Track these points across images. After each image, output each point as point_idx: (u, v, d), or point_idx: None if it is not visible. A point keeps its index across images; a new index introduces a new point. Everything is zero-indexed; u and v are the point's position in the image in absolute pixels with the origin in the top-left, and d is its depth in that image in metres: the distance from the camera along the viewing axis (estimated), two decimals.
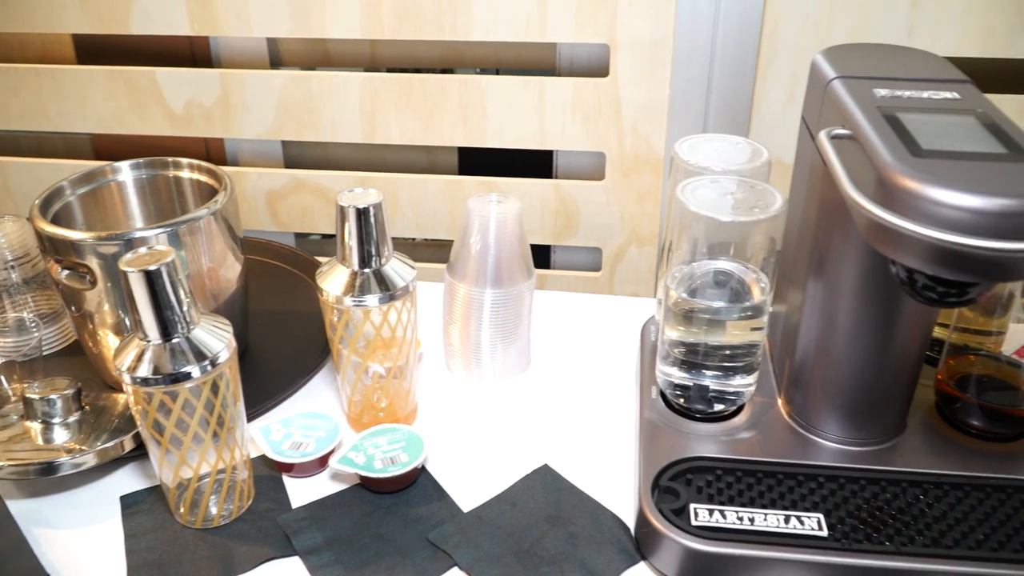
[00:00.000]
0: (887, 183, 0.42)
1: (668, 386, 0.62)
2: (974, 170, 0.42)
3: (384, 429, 0.63)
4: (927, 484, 0.56)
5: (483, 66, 1.01)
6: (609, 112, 0.85)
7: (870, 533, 0.52)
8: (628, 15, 0.79)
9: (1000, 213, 0.39)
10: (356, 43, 0.95)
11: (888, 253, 0.43)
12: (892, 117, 0.47)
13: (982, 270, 0.42)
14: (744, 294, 0.58)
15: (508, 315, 0.69)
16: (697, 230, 0.56)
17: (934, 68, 0.55)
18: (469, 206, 0.66)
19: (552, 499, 0.60)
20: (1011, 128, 0.46)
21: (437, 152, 1.04)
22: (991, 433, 0.60)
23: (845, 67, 0.55)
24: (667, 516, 0.53)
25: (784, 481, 0.56)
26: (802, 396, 0.60)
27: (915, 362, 0.57)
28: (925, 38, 0.78)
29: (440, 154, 1.04)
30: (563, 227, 0.92)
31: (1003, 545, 0.52)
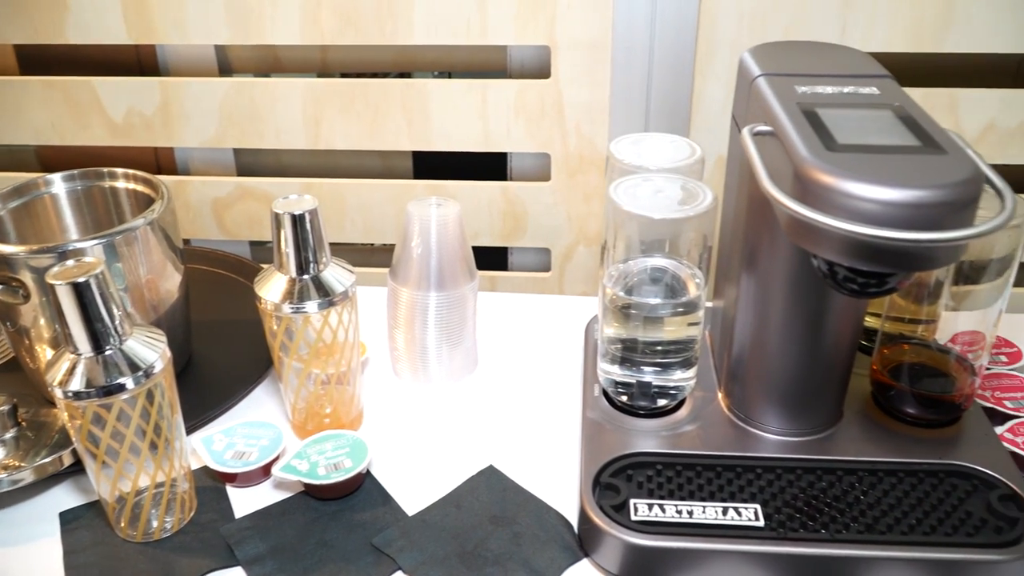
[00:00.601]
0: (803, 178, 0.43)
1: (610, 384, 0.63)
2: (887, 163, 0.43)
3: (328, 436, 0.63)
4: (862, 472, 0.57)
5: (436, 69, 1.01)
6: (552, 113, 0.85)
7: (805, 521, 0.53)
8: (567, 16, 0.80)
9: (911, 204, 0.40)
10: (306, 48, 0.95)
11: (807, 247, 0.44)
12: (811, 113, 0.48)
13: (898, 260, 0.43)
14: (679, 290, 0.58)
15: (452, 318, 0.69)
16: (630, 228, 0.57)
17: (857, 64, 0.56)
18: (409, 210, 0.66)
19: (497, 499, 0.60)
20: (925, 121, 0.47)
21: (391, 157, 1.04)
22: (925, 420, 0.61)
23: (770, 65, 0.56)
24: (607, 512, 0.54)
25: (723, 474, 0.57)
26: (740, 389, 0.61)
27: (848, 353, 0.58)
28: (858, 34, 0.79)
29: (394, 159, 1.04)
30: (512, 228, 0.92)
31: (935, 529, 0.53)
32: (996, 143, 0.84)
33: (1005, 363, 0.71)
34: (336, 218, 0.93)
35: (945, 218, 0.41)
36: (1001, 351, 0.73)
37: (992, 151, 0.85)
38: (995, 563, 0.51)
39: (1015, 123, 0.83)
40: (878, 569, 0.52)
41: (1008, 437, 0.62)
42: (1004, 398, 0.66)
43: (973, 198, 0.41)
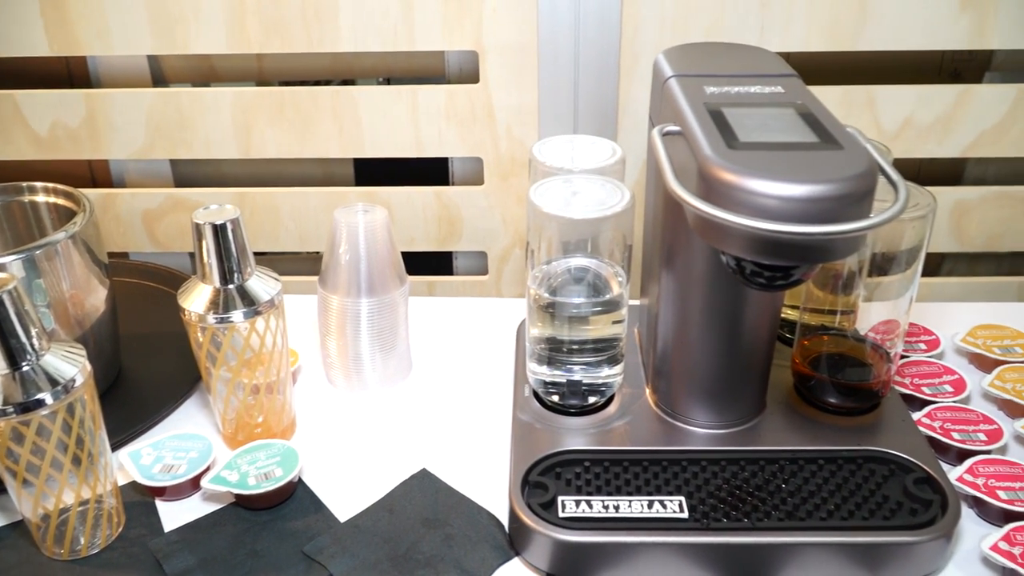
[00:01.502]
0: (705, 176, 0.44)
1: (539, 384, 0.64)
2: (786, 159, 0.44)
3: (259, 445, 0.62)
4: (783, 461, 0.58)
5: (375, 75, 1.01)
6: (483, 117, 0.86)
7: (728, 511, 0.55)
8: (492, 21, 0.81)
9: (808, 199, 0.42)
10: (242, 58, 0.94)
11: (713, 244, 0.45)
12: (717, 112, 0.49)
13: (799, 253, 0.44)
14: (602, 289, 0.59)
15: (384, 323, 0.69)
16: (551, 230, 0.57)
17: (765, 64, 0.58)
18: (336, 217, 0.66)
19: (429, 502, 0.60)
20: (825, 118, 0.49)
21: (332, 164, 1.04)
22: (845, 408, 0.63)
23: (682, 66, 0.57)
24: (535, 510, 0.54)
25: (650, 468, 0.58)
26: (665, 384, 0.62)
27: (766, 345, 0.59)
28: (776, 34, 0.81)
29: (335, 166, 1.04)
30: (447, 233, 0.92)
31: (853, 513, 0.54)
32: (914, 138, 0.87)
33: (924, 350, 0.74)
34: (271, 227, 0.92)
35: (842, 211, 0.42)
36: (920, 339, 0.75)
37: (910, 146, 0.87)
38: (910, 544, 0.53)
39: (931, 118, 0.86)
40: (799, 555, 0.53)
41: (925, 422, 0.64)
42: (922, 384, 0.68)
43: (868, 191, 0.43)
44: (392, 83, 0.97)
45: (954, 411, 0.65)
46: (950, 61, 1.05)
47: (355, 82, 0.99)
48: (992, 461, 0.60)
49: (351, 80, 0.99)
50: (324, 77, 0.96)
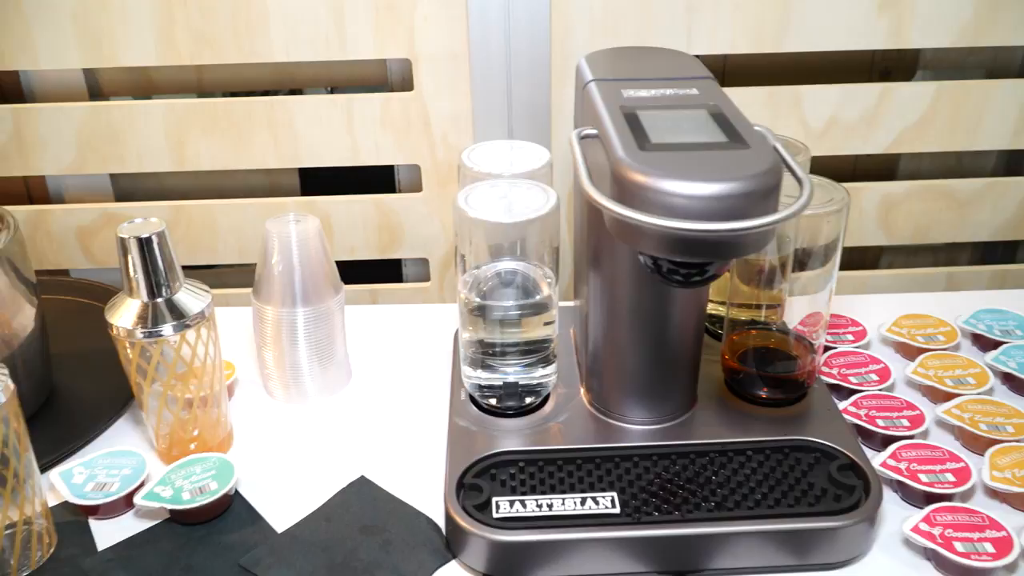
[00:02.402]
0: (617, 177, 0.45)
1: (475, 388, 0.64)
2: (694, 159, 0.45)
3: (194, 459, 0.62)
4: (713, 453, 0.60)
5: (318, 84, 1.01)
6: (419, 125, 0.86)
7: (660, 505, 0.56)
8: (424, 29, 0.81)
9: (715, 196, 0.43)
10: (182, 69, 0.93)
11: (629, 244, 0.46)
12: (632, 115, 0.50)
13: (711, 250, 0.45)
14: (532, 291, 0.60)
15: (321, 333, 0.69)
16: (478, 234, 0.58)
17: (683, 67, 0.59)
18: (268, 228, 0.66)
19: (368, 509, 0.60)
20: (736, 118, 0.50)
21: (278, 174, 1.03)
22: (773, 399, 0.64)
23: (601, 70, 0.58)
24: (470, 512, 0.55)
25: (583, 465, 0.59)
26: (598, 383, 0.63)
27: (693, 341, 0.61)
28: (703, 37, 0.83)
29: (281, 176, 1.03)
30: (388, 241, 0.93)
31: (779, 502, 0.56)
32: (840, 136, 0.89)
33: (852, 341, 0.76)
34: (208, 240, 0.92)
35: (748, 207, 0.44)
36: (848, 331, 0.77)
37: (837, 143, 0.90)
38: (834, 529, 0.54)
39: (856, 116, 0.89)
40: (728, 544, 0.54)
41: (852, 411, 0.66)
42: (849, 374, 0.70)
43: (772, 188, 0.44)
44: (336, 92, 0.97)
45: (879, 399, 0.67)
46: (880, 60, 1.08)
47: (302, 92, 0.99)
48: (914, 446, 0.62)
49: (298, 90, 0.99)
50: (268, 87, 0.96)
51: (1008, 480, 0.59)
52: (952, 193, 0.95)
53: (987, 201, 0.95)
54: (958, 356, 0.73)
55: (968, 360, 0.72)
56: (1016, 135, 0.91)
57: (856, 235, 0.96)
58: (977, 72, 1.07)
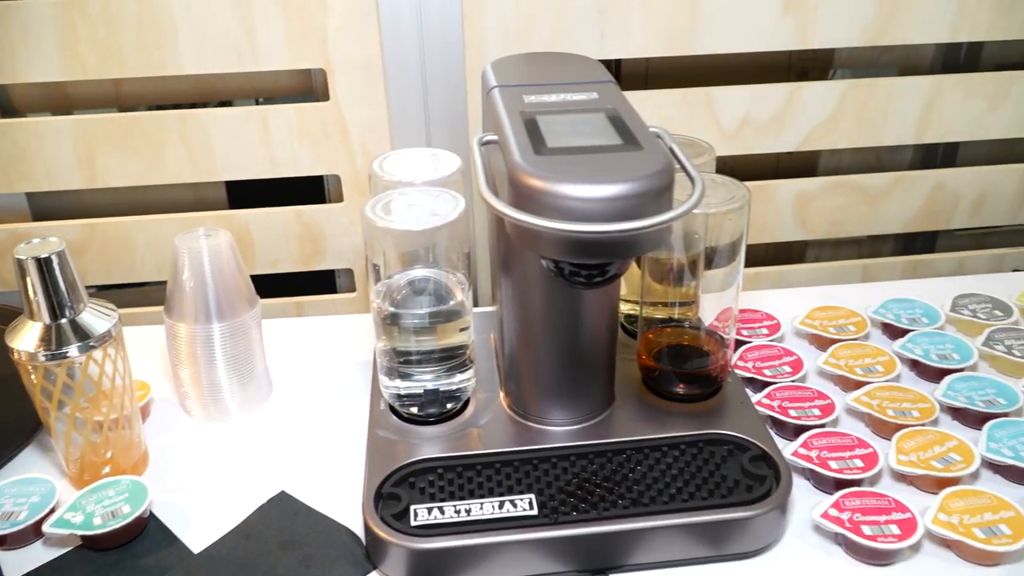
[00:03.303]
0: (513, 182, 0.45)
1: (393, 398, 0.64)
2: (588, 162, 0.46)
3: (107, 483, 0.61)
4: (630, 451, 0.60)
5: (242, 96, 1.00)
6: (336, 135, 0.86)
7: (577, 504, 0.56)
8: (337, 38, 0.81)
9: (607, 198, 0.44)
10: (100, 83, 0.91)
11: (529, 248, 0.47)
12: (531, 120, 0.51)
13: (609, 250, 0.46)
14: (445, 298, 0.60)
15: (238, 348, 0.69)
16: (387, 243, 0.58)
17: (585, 72, 0.60)
18: (177, 244, 0.65)
19: (288, 525, 0.60)
20: (632, 121, 0.51)
21: (204, 188, 1.02)
22: (688, 395, 0.65)
23: (506, 76, 0.59)
24: (388, 522, 0.55)
25: (502, 469, 0.59)
26: (516, 386, 0.63)
27: (608, 342, 0.62)
28: (615, 41, 0.84)
29: (207, 190, 1.02)
30: (311, 252, 0.92)
31: (693, 495, 0.57)
32: (752, 135, 0.92)
33: (766, 335, 0.78)
34: (125, 257, 0.90)
35: (641, 207, 0.44)
36: (763, 324, 0.79)
37: (750, 143, 0.92)
38: (746, 519, 0.56)
39: (767, 115, 0.91)
40: (644, 539, 0.55)
41: (765, 402, 0.67)
42: (764, 367, 0.72)
43: (664, 187, 0.45)
44: (260, 103, 0.96)
45: (792, 390, 0.69)
46: (797, 61, 1.11)
47: (232, 103, 0.98)
48: (825, 434, 0.64)
49: (228, 101, 0.98)
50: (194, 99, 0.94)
51: (913, 463, 0.61)
52: (864, 188, 0.98)
53: (896, 195, 0.98)
54: (867, 345, 0.75)
55: (877, 349, 0.74)
56: (921, 130, 0.95)
57: (774, 231, 0.99)
58: (891, 70, 1.11)
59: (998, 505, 0.58)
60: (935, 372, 0.72)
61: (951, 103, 0.93)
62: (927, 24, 0.87)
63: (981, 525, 0.56)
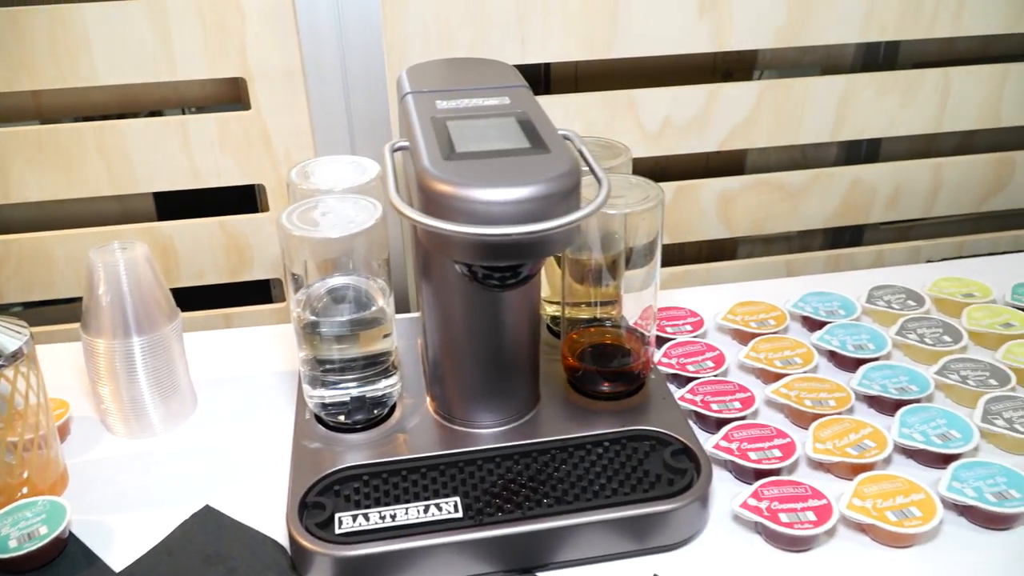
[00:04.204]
0: (422, 187, 0.46)
1: (318, 407, 0.64)
2: (495, 166, 0.46)
3: (23, 505, 0.59)
4: (555, 450, 0.61)
5: (171, 106, 0.98)
6: (259, 143, 0.85)
7: (502, 505, 0.57)
8: (256, 46, 0.80)
9: (512, 201, 0.44)
10: (17, 95, 0.89)
11: (440, 253, 0.47)
12: (441, 125, 0.51)
13: (518, 252, 0.47)
14: (367, 304, 0.60)
15: (159, 362, 0.67)
16: (304, 252, 0.58)
17: (499, 76, 0.61)
18: (92, 258, 0.64)
19: (212, 539, 0.59)
20: (542, 125, 0.52)
21: (130, 200, 1.00)
22: (612, 393, 0.66)
23: (419, 82, 0.59)
24: (312, 531, 0.55)
25: (428, 473, 0.59)
26: (441, 390, 0.64)
27: (529, 343, 0.62)
28: (536, 46, 0.85)
29: (133, 201, 1.00)
30: (237, 263, 0.91)
31: (616, 491, 0.58)
32: (674, 136, 0.94)
33: (690, 331, 0.79)
34: (45, 274, 0.88)
35: (548, 208, 0.45)
36: (687, 321, 0.81)
37: (672, 143, 0.94)
38: (668, 512, 0.57)
39: (688, 117, 0.93)
40: (569, 536, 0.56)
41: (688, 397, 0.69)
42: (687, 363, 0.73)
43: (570, 189, 0.46)
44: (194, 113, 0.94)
45: (714, 384, 0.70)
46: (722, 62, 1.14)
47: (162, 113, 0.96)
48: (745, 426, 0.65)
49: (158, 111, 0.96)
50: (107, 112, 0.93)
51: (829, 451, 0.63)
52: (784, 186, 1.01)
53: (816, 192, 1.01)
54: (787, 338, 0.77)
55: (796, 341, 0.76)
56: (837, 128, 0.98)
57: (699, 230, 1.01)
58: (814, 70, 1.14)
59: (909, 488, 0.60)
60: (851, 362, 0.74)
61: (864, 101, 0.96)
62: (838, 25, 0.90)
63: (893, 508, 0.58)
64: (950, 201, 1.06)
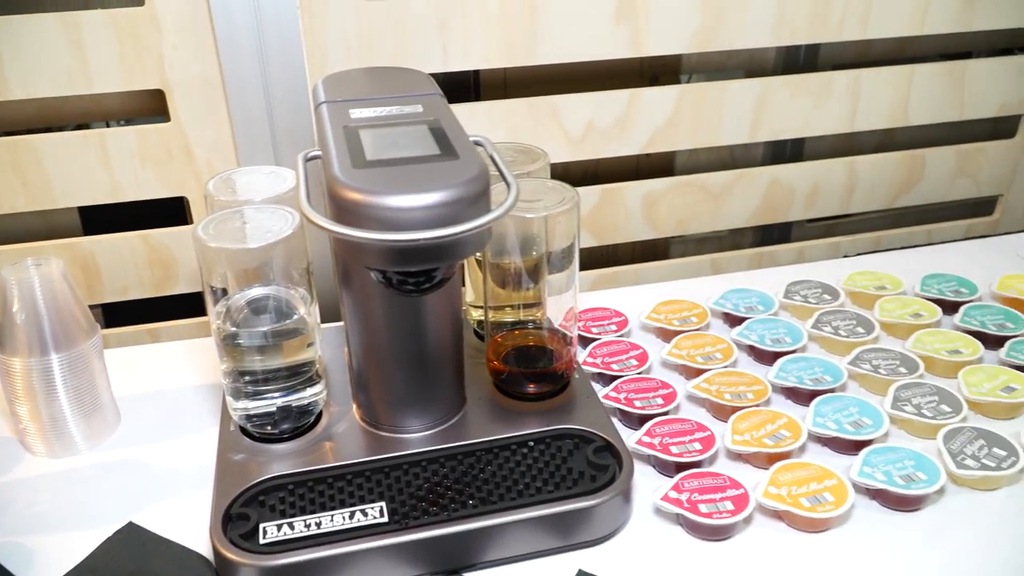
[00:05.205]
0: (332, 196, 0.46)
1: (243, 419, 0.64)
2: (404, 173, 0.47)
3: None
4: (480, 452, 0.62)
5: (91, 120, 0.96)
6: (180, 156, 0.84)
7: (428, 508, 0.57)
8: (174, 58, 0.80)
9: (421, 207, 0.45)
10: None
11: (353, 260, 0.48)
12: (353, 134, 0.52)
13: (429, 256, 0.48)
14: (288, 314, 0.60)
15: (79, 380, 0.66)
16: (222, 263, 0.58)
17: (414, 85, 0.62)
18: (4, 276, 0.63)
19: (136, 556, 0.58)
20: (452, 132, 0.53)
21: (53, 215, 0.97)
22: (538, 394, 0.67)
23: (335, 92, 0.60)
24: (235, 542, 0.54)
25: (353, 480, 0.60)
26: (365, 396, 0.64)
27: (452, 346, 0.63)
28: (457, 53, 0.86)
29: (57, 216, 0.98)
30: (162, 277, 0.90)
31: (540, 490, 0.59)
32: (597, 140, 0.95)
33: (615, 331, 0.81)
34: None
35: (456, 213, 0.46)
36: (612, 321, 0.82)
37: (595, 148, 0.96)
38: (591, 508, 0.58)
39: (610, 121, 0.95)
40: (495, 536, 0.57)
41: (612, 395, 0.70)
42: (611, 362, 0.75)
43: (478, 193, 0.47)
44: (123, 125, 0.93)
45: (637, 382, 0.72)
46: (648, 66, 1.16)
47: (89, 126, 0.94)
48: (667, 421, 0.67)
49: (86, 124, 0.94)
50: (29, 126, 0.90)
51: (747, 442, 0.65)
52: (706, 187, 1.03)
53: (737, 192, 1.04)
54: (708, 335, 0.79)
55: (716, 337, 0.79)
56: (754, 130, 1.01)
57: (626, 231, 1.03)
58: (738, 73, 1.17)
59: (822, 475, 0.62)
60: (769, 356, 0.77)
61: (779, 103, 1.00)
62: (751, 29, 0.93)
63: (807, 495, 0.60)
64: (866, 198, 1.10)
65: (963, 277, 0.89)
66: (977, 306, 0.83)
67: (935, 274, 0.90)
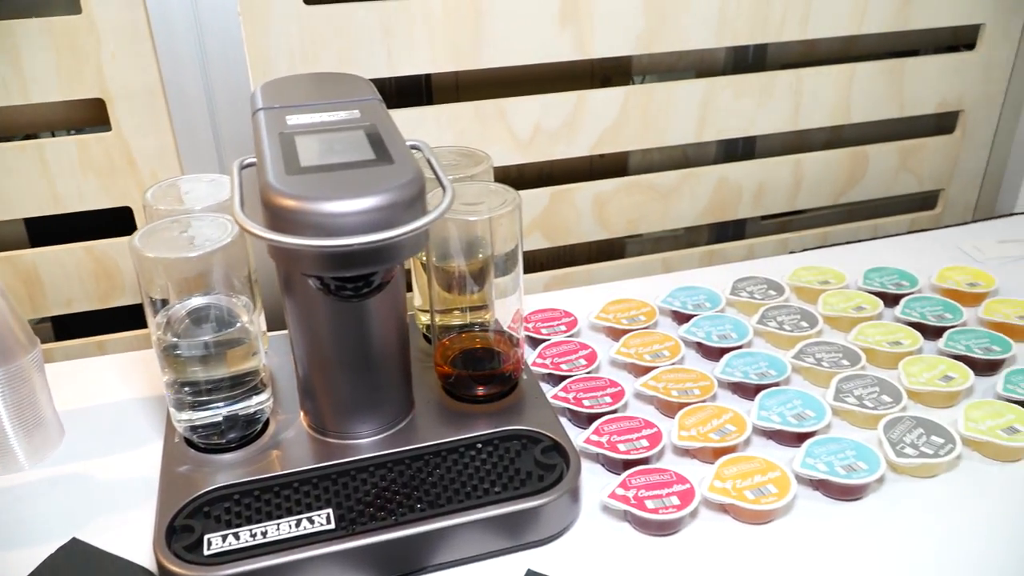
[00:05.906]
0: (266, 203, 0.46)
1: (187, 430, 0.63)
2: (338, 178, 0.47)
3: None
4: (428, 456, 0.62)
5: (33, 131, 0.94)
6: (123, 165, 0.83)
7: (375, 513, 0.57)
8: (112, 67, 0.79)
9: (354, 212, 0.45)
10: None
11: (289, 267, 0.48)
12: (289, 141, 0.52)
13: (365, 261, 0.48)
14: (230, 322, 0.60)
15: (19, 395, 0.65)
16: (160, 273, 0.57)
17: (352, 90, 0.62)
18: None
19: (79, 572, 0.58)
20: (389, 137, 0.53)
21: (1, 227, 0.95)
22: (487, 396, 0.68)
23: (273, 98, 0.59)
24: (179, 554, 0.54)
25: (300, 488, 0.59)
26: (312, 403, 0.64)
27: (398, 351, 0.63)
28: (403, 58, 0.86)
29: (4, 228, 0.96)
30: (108, 288, 0.88)
31: (488, 491, 0.59)
32: (545, 142, 0.96)
33: (564, 332, 0.81)
34: None
35: (390, 217, 0.46)
36: (561, 322, 0.83)
37: (544, 150, 0.96)
38: (538, 507, 0.58)
39: (558, 123, 0.96)
40: (443, 538, 0.57)
41: (561, 395, 0.71)
42: (561, 362, 0.76)
43: (413, 197, 0.47)
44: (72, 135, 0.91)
45: (586, 381, 0.72)
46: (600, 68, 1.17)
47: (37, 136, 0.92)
48: (616, 419, 0.68)
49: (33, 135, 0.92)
50: None
51: (693, 437, 0.66)
52: (655, 187, 1.04)
53: (685, 191, 1.05)
54: (656, 333, 0.80)
55: (664, 335, 0.79)
56: (699, 129, 1.02)
57: (577, 232, 1.04)
58: (689, 73, 1.18)
59: (766, 468, 0.63)
60: (716, 352, 0.78)
61: (724, 103, 1.01)
62: (694, 30, 0.95)
63: (751, 487, 0.61)
64: (812, 195, 1.12)
65: (904, 270, 0.91)
66: (917, 298, 0.85)
67: (877, 268, 0.92)
